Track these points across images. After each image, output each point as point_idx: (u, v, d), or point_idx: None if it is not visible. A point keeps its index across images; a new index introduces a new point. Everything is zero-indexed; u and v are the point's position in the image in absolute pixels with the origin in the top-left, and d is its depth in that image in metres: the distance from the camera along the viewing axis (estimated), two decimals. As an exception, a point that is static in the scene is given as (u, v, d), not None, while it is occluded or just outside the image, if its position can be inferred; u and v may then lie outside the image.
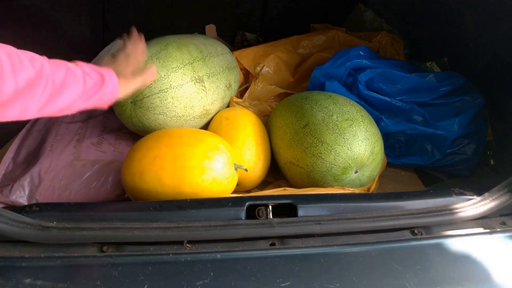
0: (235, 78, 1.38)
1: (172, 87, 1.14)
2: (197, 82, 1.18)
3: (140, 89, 1.11)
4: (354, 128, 1.07)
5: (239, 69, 1.51)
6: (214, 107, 1.26)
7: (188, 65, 1.18)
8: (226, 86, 1.30)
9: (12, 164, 1.15)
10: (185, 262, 0.70)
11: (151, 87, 1.12)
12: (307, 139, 1.09)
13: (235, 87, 1.39)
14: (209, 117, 1.27)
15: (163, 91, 1.13)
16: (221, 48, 1.36)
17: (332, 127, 1.07)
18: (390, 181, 1.30)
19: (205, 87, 1.20)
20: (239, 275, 0.69)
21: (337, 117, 1.09)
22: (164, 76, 1.13)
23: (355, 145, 1.05)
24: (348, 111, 1.11)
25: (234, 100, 1.36)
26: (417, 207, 0.82)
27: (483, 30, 1.25)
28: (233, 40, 2.01)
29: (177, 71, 1.15)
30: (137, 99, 1.13)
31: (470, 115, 1.25)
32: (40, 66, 0.65)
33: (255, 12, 1.96)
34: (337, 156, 1.05)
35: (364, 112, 1.15)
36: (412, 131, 1.27)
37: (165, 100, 1.14)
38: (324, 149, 1.06)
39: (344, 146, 1.05)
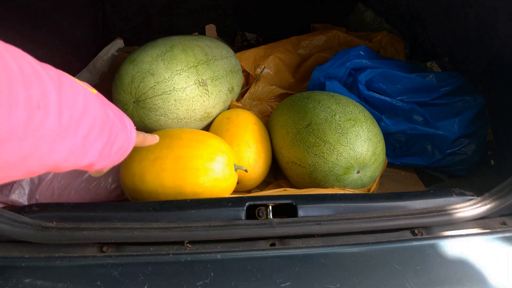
0: (237, 82, 1.38)
1: (176, 89, 1.14)
2: (200, 85, 1.17)
3: (144, 90, 1.11)
4: (356, 128, 1.07)
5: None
6: (215, 110, 1.26)
7: (192, 68, 1.17)
8: (229, 90, 1.30)
9: (12, 164, 1.15)
10: (185, 262, 0.70)
11: (154, 88, 1.12)
12: (309, 138, 1.09)
13: (237, 90, 1.39)
14: (210, 120, 1.27)
15: (166, 93, 1.13)
16: (226, 51, 1.35)
17: (335, 127, 1.07)
18: (390, 181, 1.30)
19: (207, 90, 1.20)
20: (239, 275, 0.69)
21: (340, 117, 1.09)
22: (168, 78, 1.13)
23: (358, 145, 1.05)
24: (351, 111, 1.11)
25: (234, 103, 1.36)
26: (418, 207, 0.82)
27: (484, 30, 1.25)
28: (233, 40, 2.00)
29: (181, 73, 1.15)
30: (140, 99, 1.13)
31: (471, 115, 1.25)
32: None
33: (255, 12, 1.96)
34: (340, 156, 1.05)
35: (367, 113, 1.14)
36: (413, 131, 1.27)
37: (168, 102, 1.13)
38: (326, 149, 1.06)
39: (347, 146, 1.05)
